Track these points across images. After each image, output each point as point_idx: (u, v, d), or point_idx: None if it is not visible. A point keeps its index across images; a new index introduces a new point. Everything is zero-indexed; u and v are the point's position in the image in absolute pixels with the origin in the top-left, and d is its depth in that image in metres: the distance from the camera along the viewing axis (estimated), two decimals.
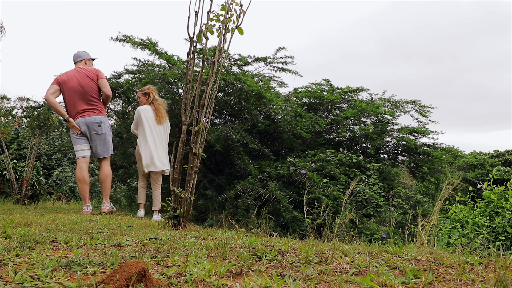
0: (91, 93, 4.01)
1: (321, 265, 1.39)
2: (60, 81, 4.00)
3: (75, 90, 3.97)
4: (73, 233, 2.02)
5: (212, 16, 2.52)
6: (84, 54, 4.28)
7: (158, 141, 4.22)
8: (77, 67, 4.16)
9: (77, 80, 3.98)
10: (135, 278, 1.00)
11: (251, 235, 2.27)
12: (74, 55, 4.27)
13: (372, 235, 4.59)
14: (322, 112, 7.07)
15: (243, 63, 6.23)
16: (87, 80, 4.01)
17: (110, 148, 4.13)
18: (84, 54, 4.28)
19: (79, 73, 4.03)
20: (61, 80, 4.00)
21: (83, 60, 4.23)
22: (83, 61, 4.23)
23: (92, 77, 4.04)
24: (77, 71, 4.07)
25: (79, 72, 4.04)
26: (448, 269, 1.38)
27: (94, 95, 4.03)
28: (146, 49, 5.70)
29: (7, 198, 7.75)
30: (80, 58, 4.23)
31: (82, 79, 4.00)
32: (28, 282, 1.06)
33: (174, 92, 5.80)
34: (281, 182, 5.38)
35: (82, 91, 3.97)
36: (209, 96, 2.54)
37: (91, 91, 4.01)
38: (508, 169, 11.46)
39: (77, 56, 4.25)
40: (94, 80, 4.05)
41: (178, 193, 2.50)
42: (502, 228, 3.95)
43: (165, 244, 1.73)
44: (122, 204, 7.11)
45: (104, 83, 4.09)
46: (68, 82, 3.98)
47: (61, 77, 4.02)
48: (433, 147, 6.95)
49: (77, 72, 4.05)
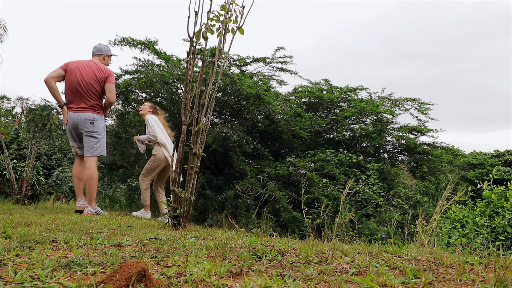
0: (92, 92, 3.81)
1: (321, 265, 1.39)
2: (68, 67, 3.80)
3: (77, 83, 3.77)
4: (73, 233, 2.02)
5: (212, 16, 2.52)
6: (105, 49, 4.07)
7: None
8: (93, 60, 3.96)
9: (83, 73, 3.79)
10: (135, 278, 1.00)
11: (251, 235, 2.27)
12: (94, 47, 4.06)
13: (372, 235, 4.59)
14: (321, 112, 7.07)
15: (241, 64, 6.23)
16: (93, 78, 3.81)
17: (100, 149, 3.87)
18: (104, 49, 4.06)
19: (89, 68, 3.82)
20: (69, 67, 3.80)
21: (102, 55, 4.03)
22: (102, 56, 4.03)
23: (100, 78, 3.85)
24: (88, 65, 3.85)
25: (88, 67, 3.83)
26: (448, 269, 1.38)
27: (94, 95, 3.83)
28: (146, 48, 5.69)
29: (7, 198, 7.75)
30: (100, 52, 4.03)
31: (88, 75, 3.80)
32: (28, 282, 1.06)
33: (174, 92, 5.80)
34: (281, 182, 5.38)
35: (84, 87, 3.77)
36: (209, 96, 2.54)
37: (92, 90, 3.81)
38: (508, 169, 11.45)
39: (98, 49, 4.04)
40: (100, 81, 3.86)
41: (178, 193, 2.50)
42: (502, 228, 3.95)
43: (165, 244, 1.73)
44: (122, 204, 7.11)
45: (110, 88, 3.89)
46: (74, 71, 3.78)
47: (70, 64, 3.82)
48: (433, 146, 6.95)
49: (87, 67, 3.83)
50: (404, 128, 6.88)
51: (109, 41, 5.57)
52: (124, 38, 5.57)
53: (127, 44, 5.60)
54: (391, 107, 7.05)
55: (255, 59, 6.23)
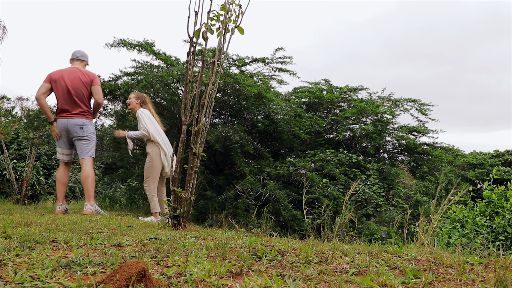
0: (81, 97, 3.94)
1: (321, 265, 1.39)
2: (52, 79, 3.93)
3: (65, 91, 3.89)
4: (73, 233, 2.02)
5: (212, 16, 2.52)
6: (87, 56, 4.19)
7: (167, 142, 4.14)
8: (74, 66, 4.06)
9: (69, 81, 3.90)
10: (135, 278, 1.00)
11: (251, 235, 2.27)
12: (78, 52, 4.14)
13: (372, 235, 4.59)
14: (321, 112, 7.07)
15: (241, 64, 6.23)
16: (79, 83, 3.93)
17: (92, 151, 4.03)
18: (87, 56, 4.19)
19: (73, 75, 3.94)
20: (52, 78, 3.92)
21: (85, 61, 4.15)
22: (85, 62, 4.15)
23: (85, 82, 3.96)
24: (72, 71, 3.96)
25: (74, 73, 3.95)
26: (448, 269, 1.38)
27: (84, 100, 3.96)
28: (144, 50, 5.68)
29: (7, 198, 7.75)
30: (84, 58, 4.13)
31: (75, 82, 3.92)
32: (28, 282, 1.06)
33: (173, 92, 5.80)
34: (281, 182, 5.38)
35: (73, 94, 3.89)
36: (209, 96, 2.54)
37: (81, 95, 3.93)
38: (508, 169, 11.45)
39: (82, 54, 4.14)
40: (87, 84, 3.97)
41: (178, 193, 2.50)
42: (502, 228, 3.95)
43: (165, 244, 1.73)
44: (122, 204, 7.11)
45: (97, 90, 4.00)
46: (60, 82, 3.90)
47: (53, 75, 3.94)
48: (433, 146, 6.96)
49: (72, 73, 3.95)
50: (404, 129, 6.88)
51: (106, 44, 5.55)
52: (122, 40, 5.56)
53: (124, 46, 5.59)
54: (391, 108, 7.06)
55: (254, 59, 6.23)
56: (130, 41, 5.58)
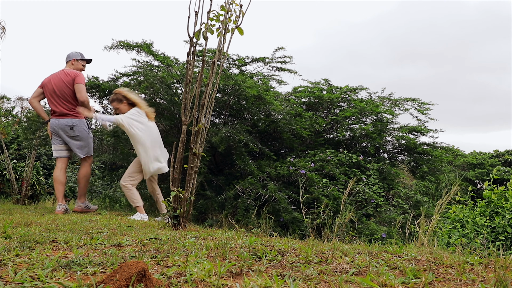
0: (65, 97, 4.01)
1: (321, 265, 1.39)
2: (42, 83, 4.09)
3: (52, 92, 4.02)
4: (73, 233, 2.02)
5: (212, 16, 2.52)
6: (72, 55, 4.21)
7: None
8: (63, 68, 4.16)
9: (54, 83, 4.02)
10: (135, 278, 1.00)
11: (251, 235, 2.27)
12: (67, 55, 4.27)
13: (372, 235, 4.59)
14: (321, 112, 7.07)
15: (241, 64, 6.22)
16: (62, 84, 4.01)
17: (87, 150, 4.11)
18: (72, 55, 4.21)
19: (58, 76, 4.05)
20: (43, 83, 4.08)
21: (70, 60, 4.20)
22: (70, 61, 4.20)
23: (67, 81, 4.01)
24: (57, 74, 4.07)
25: (58, 75, 4.05)
26: (448, 269, 1.38)
27: (68, 99, 4.02)
28: (142, 51, 5.67)
29: (7, 198, 7.74)
30: (68, 58, 4.22)
31: (58, 83, 4.01)
32: (28, 282, 1.06)
33: (173, 93, 5.79)
34: (281, 182, 5.38)
35: (58, 94, 4.00)
36: (209, 96, 2.54)
37: (65, 95, 4.00)
38: (508, 169, 11.45)
39: (66, 56, 4.25)
40: (69, 84, 4.01)
41: (178, 193, 2.49)
42: (502, 228, 3.95)
43: (165, 244, 1.72)
44: (122, 204, 7.11)
45: (79, 88, 4.00)
46: (47, 85, 4.04)
47: (44, 80, 4.09)
48: (433, 146, 6.96)
49: (57, 75, 4.06)
50: (404, 128, 6.88)
51: (105, 47, 5.55)
52: (120, 41, 5.55)
53: (123, 48, 5.59)
54: (391, 107, 7.06)
55: (254, 59, 6.23)
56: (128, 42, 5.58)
